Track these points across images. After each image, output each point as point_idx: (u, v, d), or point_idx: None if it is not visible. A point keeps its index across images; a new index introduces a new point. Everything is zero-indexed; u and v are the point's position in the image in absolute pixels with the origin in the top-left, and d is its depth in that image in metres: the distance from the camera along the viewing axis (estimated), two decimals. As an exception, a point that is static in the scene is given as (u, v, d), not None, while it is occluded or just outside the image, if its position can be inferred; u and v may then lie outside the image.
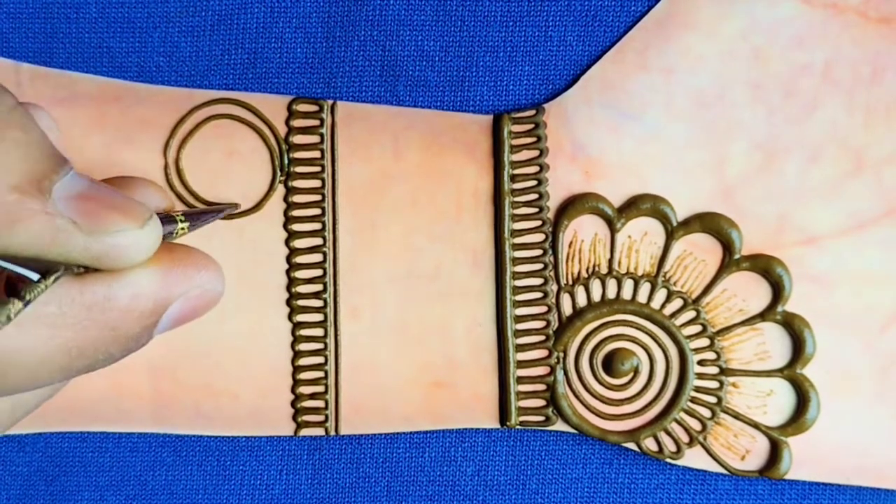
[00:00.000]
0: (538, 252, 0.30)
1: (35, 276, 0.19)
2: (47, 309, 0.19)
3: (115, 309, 0.20)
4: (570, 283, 0.30)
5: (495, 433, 0.31)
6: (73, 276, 0.19)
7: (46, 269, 0.19)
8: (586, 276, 0.30)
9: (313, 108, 0.30)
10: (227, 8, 0.30)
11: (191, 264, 0.21)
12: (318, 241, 0.30)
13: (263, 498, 0.31)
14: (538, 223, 0.30)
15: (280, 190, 0.30)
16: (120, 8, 0.30)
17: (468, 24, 0.30)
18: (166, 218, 0.22)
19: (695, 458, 0.30)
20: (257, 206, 0.30)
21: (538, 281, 0.30)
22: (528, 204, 0.30)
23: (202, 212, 0.24)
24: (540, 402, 0.30)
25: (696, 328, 0.30)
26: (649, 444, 0.30)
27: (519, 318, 0.30)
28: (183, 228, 0.23)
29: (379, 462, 0.31)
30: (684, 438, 0.30)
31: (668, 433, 0.30)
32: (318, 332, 0.30)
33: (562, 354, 0.30)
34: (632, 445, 0.30)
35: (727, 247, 0.30)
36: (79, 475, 0.31)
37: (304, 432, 0.30)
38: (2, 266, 0.18)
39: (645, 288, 0.30)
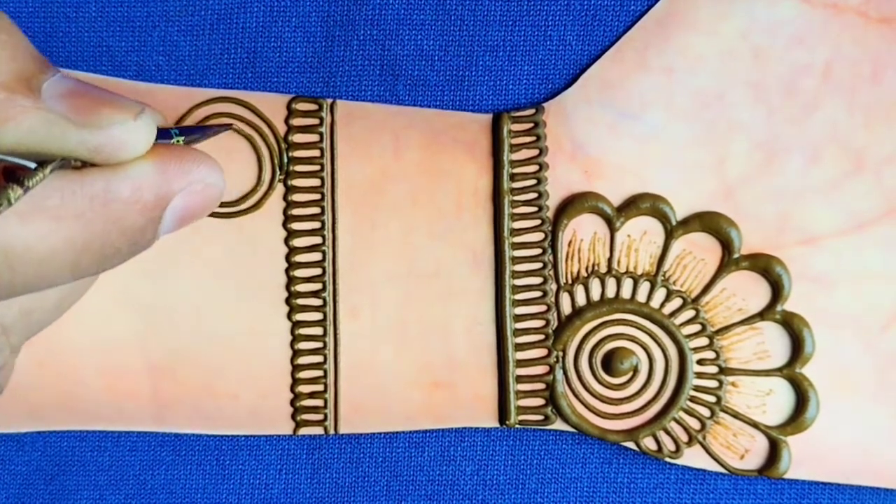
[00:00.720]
0: (538, 251, 0.30)
1: (33, 165, 0.19)
2: (50, 202, 0.19)
3: (117, 200, 0.20)
4: (570, 282, 0.30)
5: (495, 433, 0.31)
6: (73, 169, 0.20)
7: (45, 161, 0.19)
8: (586, 275, 0.30)
9: (313, 106, 0.30)
10: (226, 7, 0.30)
11: (189, 159, 0.21)
12: (317, 239, 0.30)
13: (262, 497, 0.31)
14: (538, 222, 0.30)
15: (279, 189, 0.30)
16: (119, 7, 0.30)
17: (468, 24, 0.30)
18: (161, 131, 0.22)
19: (694, 458, 0.30)
20: (257, 205, 0.30)
21: (537, 280, 0.30)
22: (527, 203, 0.30)
23: (196, 128, 0.25)
24: (539, 402, 0.30)
25: (696, 327, 0.30)
26: (648, 443, 0.30)
27: (518, 318, 0.30)
28: (178, 142, 0.23)
29: (378, 461, 0.31)
30: (683, 438, 0.30)
31: (668, 432, 0.30)
32: (318, 331, 0.30)
33: (561, 353, 0.30)
34: (631, 445, 0.30)
35: (726, 246, 0.30)
36: (78, 474, 0.31)
37: (304, 431, 0.30)
38: (0, 158, 0.19)
39: (644, 287, 0.30)
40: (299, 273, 0.30)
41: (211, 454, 0.31)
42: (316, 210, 0.30)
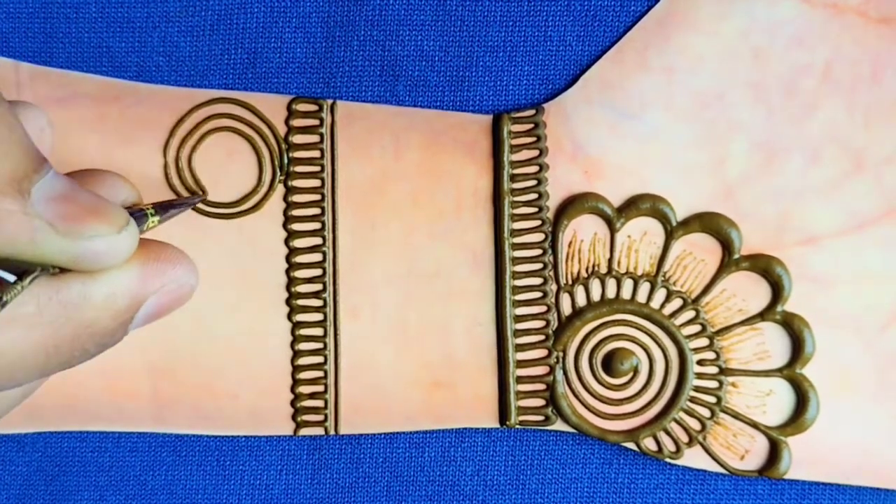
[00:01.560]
0: (538, 252, 0.30)
1: (11, 278, 0.19)
2: (25, 309, 0.19)
3: (92, 307, 0.20)
4: (570, 282, 0.30)
5: (495, 433, 0.31)
6: (49, 275, 0.20)
7: (23, 270, 0.19)
8: (586, 275, 0.30)
9: (313, 107, 0.30)
10: (226, 8, 0.30)
11: (165, 260, 0.21)
12: (317, 240, 0.30)
13: (263, 498, 0.31)
14: (538, 223, 0.30)
15: (280, 189, 0.30)
16: (119, 7, 0.30)
17: (468, 24, 0.30)
18: (137, 213, 0.22)
19: (694, 458, 0.30)
20: (257, 206, 0.30)
21: (538, 281, 0.30)
22: (527, 204, 0.30)
23: (171, 203, 0.25)
24: (539, 402, 0.30)
25: (696, 328, 0.30)
26: (649, 443, 0.30)
27: (518, 318, 0.30)
28: (154, 222, 0.23)
29: (378, 462, 0.31)
30: (684, 438, 0.30)
31: (668, 433, 0.30)
32: (318, 331, 0.30)
33: (561, 354, 0.30)
34: (631, 445, 0.30)
35: (727, 246, 0.30)
36: (78, 475, 0.31)
37: (304, 432, 0.30)
38: None
39: (644, 288, 0.30)
40: (300, 273, 0.30)
41: (211, 455, 0.31)
42: (316, 211, 0.30)
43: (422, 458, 0.31)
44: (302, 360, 0.30)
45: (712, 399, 0.30)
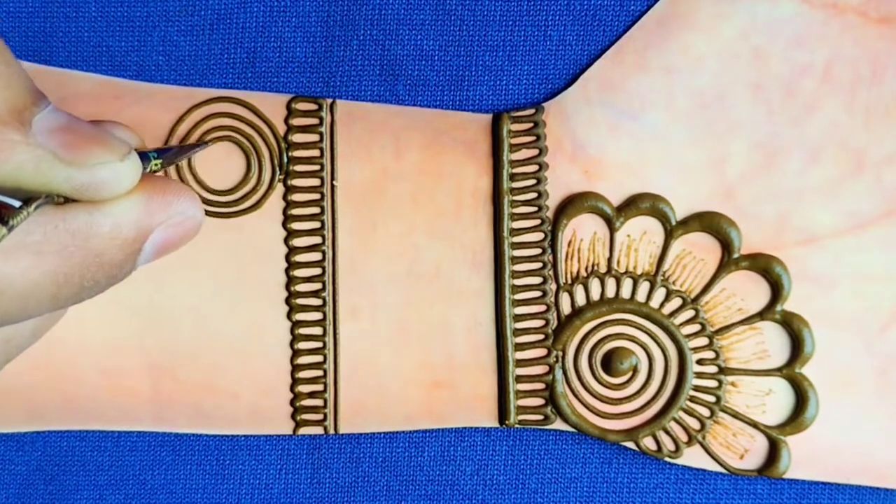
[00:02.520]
0: (537, 251, 0.30)
1: (17, 203, 0.19)
2: (32, 237, 0.19)
3: (98, 236, 0.20)
4: (569, 282, 0.30)
5: (495, 433, 0.31)
6: (55, 205, 0.20)
7: (28, 197, 0.19)
8: (585, 275, 0.30)
9: (313, 106, 0.30)
10: (226, 7, 0.30)
11: (169, 192, 0.22)
12: (317, 239, 0.30)
13: (262, 497, 0.31)
14: (537, 222, 0.30)
15: (279, 188, 0.30)
16: (119, 7, 0.30)
17: (468, 24, 0.30)
18: (140, 155, 0.22)
19: (693, 457, 0.30)
20: (257, 205, 0.30)
21: (537, 280, 0.30)
22: (527, 203, 0.30)
23: (172, 148, 0.25)
24: (539, 401, 0.30)
25: (695, 327, 0.30)
26: (648, 442, 0.30)
27: (518, 318, 0.30)
28: (156, 164, 0.23)
29: (378, 461, 0.31)
30: (683, 437, 0.30)
31: (667, 432, 0.30)
32: (318, 331, 0.30)
33: (561, 353, 0.30)
34: (631, 445, 0.30)
35: (726, 246, 0.30)
36: (78, 474, 0.31)
37: (303, 431, 0.30)
38: None
39: (644, 287, 0.30)
40: (299, 273, 0.30)
41: (211, 454, 0.31)
42: (316, 210, 0.30)
43: (422, 457, 0.31)
44: (301, 360, 0.30)
45: (712, 398, 0.30)
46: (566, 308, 0.30)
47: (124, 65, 0.30)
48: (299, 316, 0.30)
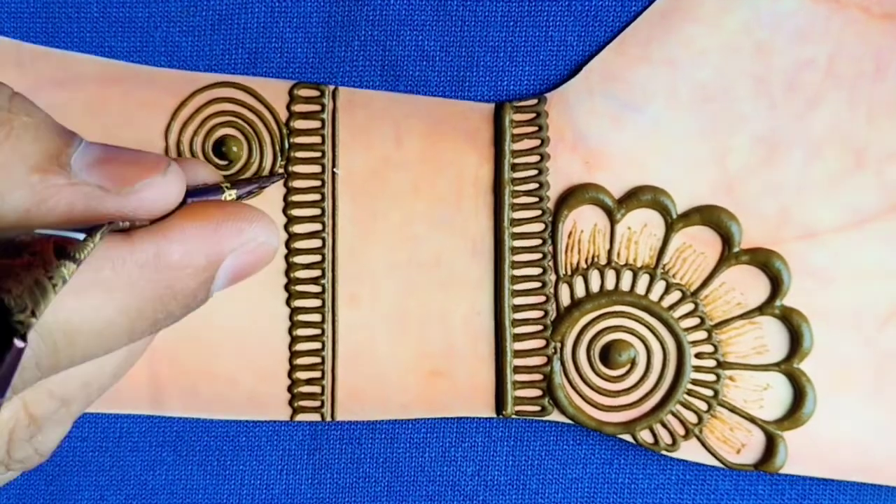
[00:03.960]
0: (537, 242, 0.30)
1: (81, 236, 0.19)
2: (102, 274, 0.19)
3: (168, 266, 0.20)
4: (569, 273, 0.30)
5: (495, 433, 0.31)
6: (121, 233, 0.20)
7: (92, 227, 0.19)
8: (585, 266, 0.30)
9: (315, 93, 0.30)
10: (227, 8, 0.30)
11: (242, 218, 0.21)
12: (317, 226, 0.30)
13: (263, 498, 0.31)
14: (538, 213, 0.30)
15: (280, 174, 0.30)
16: (121, 8, 0.30)
17: (469, 24, 0.30)
18: (212, 187, 0.22)
19: (690, 451, 0.30)
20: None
21: (537, 271, 0.30)
22: (528, 193, 0.30)
23: (248, 181, 0.25)
24: (536, 392, 0.30)
25: (694, 321, 0.30)
26: (645, 435, 0.30)
27: (517, 308, 0.30)
28: (230, 195, 0.23)
29: (379, 462, 0.31)
30: (680, 431, 0.30)
31: (664, 425, 0.30)
32: (316, 317, 0.30)
33: (559, 345, 0.30)
34: (628, 437, 0.30)
35: (726, 240, 0.30)
36: (79, 475, 0.31)
37: (301, 417, 0.30)
38: (48, 234, 0.19)
39: (644, 280, 0.30)
40: (299, 259, 0.30)
41: (212, 455, 0.31)
42: (316, 197, 0.30)
43: (422, 458, 0.31)
44: (300, 346, 0.30)
45: (709, 392, 0.30)
46: (565, 299, 0.30)
47: (126, 64, 0.30)
48: (298, 302, 0.30)
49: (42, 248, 0.18)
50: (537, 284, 0.30)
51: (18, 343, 0.17)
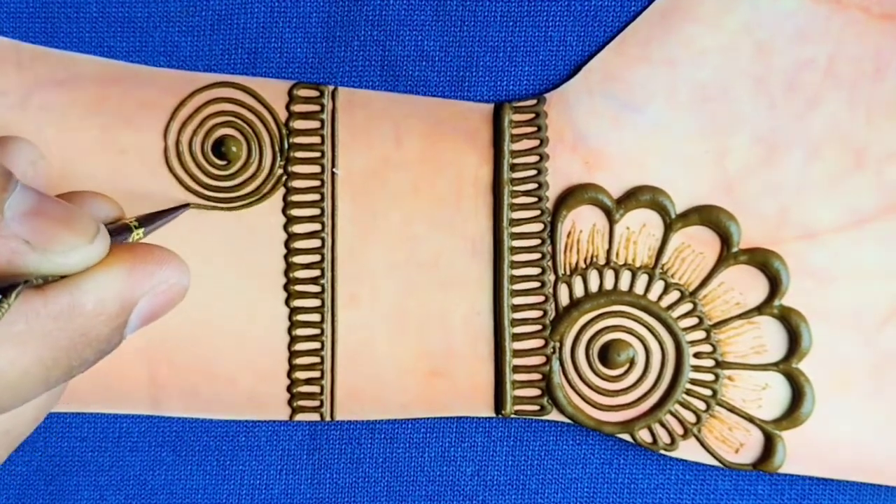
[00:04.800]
0: (536, 242, 0.30)
1: None
2: (15, 328, 0.19)
3: (82, 315, 0.20)
4: (568, 273, 0.30)
5: (495, 433, 0.31)
6: (35, 288, 0.20)
7: (6, 286, 0.19)
8: (584, 266, 0.30)
9: (314, 93, 0.30)
10: (227, 8, 0.30)
11: (152, 261, 0.22)
12: (316, 226, 0.30)
13: (263, 498, 0.31)
14: (537, 213, 0.30)
15: (279, 174, 0.30)
16: (120, 8, 0.30)
17: (468, 25, 0.30)
18: (121, 227, 0.22)
19: (689, 451, 0.30)
20: (257, 191, 0.30)
21: (536, 271, 0.30)
22: (527, 193, 0.30)
23: (156, 215, 0.25)
24: (535, 392, 0.30)
25: (693, 320, 0.30)
26: (644, 435, 0.30)
27: (516, 308, 0.30)
28: (138, 234, 0.23)
29: (379, 462, 0.31)
30: (679, 430, 0.30)
31: (663, 425, 0.30)
32: (316, 317, 0.30)
33: (558, 344, 0.30)
34: (626, 437, 0.30)
35: (725, 240, 0.30)
36: (78, 475, 0.31)
37: (300, 417, 0.30)
38: None
39: (642, 279, 0.30)
40: (298, 259, 0.30)
41: (211, 455, 0.31)
42: (316, 197, 0.30)
43: (422, 458, 0.31)
44: (299, 346, 0.30)
45: (708, 392, 0.30)
46: (564, 299, 0.30)
47: (126, 62, 0.30)
48: (298, 302, 0.30)
49: None
50: (536, 284, 0.30)
51: None
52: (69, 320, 0.20)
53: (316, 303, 0.30)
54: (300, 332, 0.30)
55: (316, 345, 0.30)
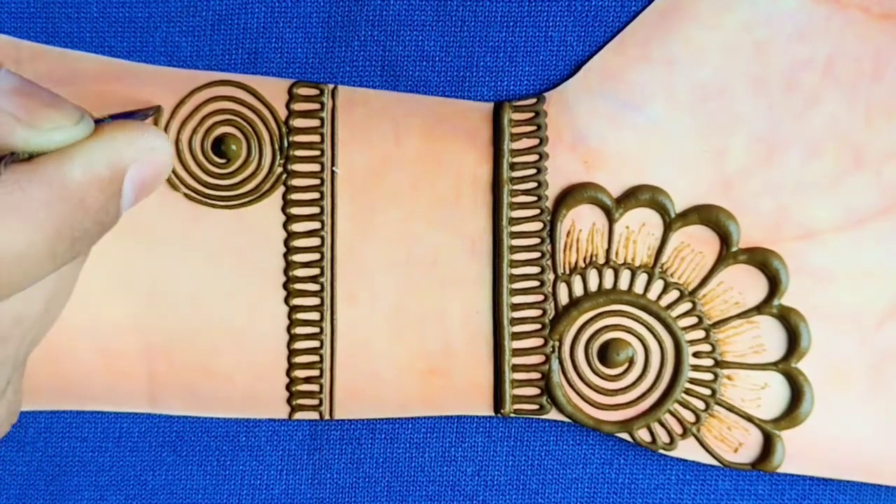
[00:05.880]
0: (536, 241, 0.30)
1: None
2: (12, 197, 0.20)
3: (74, 182, 0.21)
4: (567, 272, 0.30)
5: (496, 433, 0.31)
6: (23, 161, 0.21)
7: None
8: (583, 265, 0.30)
9: (314, 91, 0.30)
10: (227, 8, 0.30)
11: (132, 129, 0.22)
12: (316, 225, 0.30)
13: (263, 498, 0.31)
14: (536, 212, 0.30)
15: (279, 173, 0.30)
16: (120, 8, 0.30)
17: (469, 25, 0.30)
18: (96, 121, 0.23)
19: (688, 450, 0.30)
20: (257, 190, 0.30)
21: (535, 269, 0.30)
22: (526, 192, 0.30)
23: (127, 114, 0.26)
24: (534, 391, 0.30)
25: (692, 320, 0.30)
26: (643, 434, 0.30)
27: (515, 307, 0.30)
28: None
29: (379, 462, 0.31)
30: (678, 430, 0.30)
31: (662, 424, 0.30)
32: (315, 316, 0.30)
33: (557, 343, 0.30)
34: (625, 436, 0.30)
35: (725, 239, 0.30)
36: (79, 475, 0.31)
37: (299, 416, 0.30)
38: None
39: (642, 279, 0.30)
40: (297, 258, 0.30)
41: (212, 455, 0.31)
42: (315, 195, 0.30)
43: (422, 458, 0.31)
44: (298, 345, 0.30)
45: (707, 391, 0.30)
46: (564, 298, 0.30)
47: (126, 64, 0.30)
48: (297, 301, 0.30)
49: None
50: (536, 283, 0.30)
51: None
52: (63, 188, 0.21)
53: (315, 301, 0.30)
54: (299, 330, 0.30)
55: (315, 343, 0.30)
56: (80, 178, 0.21)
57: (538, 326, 0.30)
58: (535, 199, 0.30)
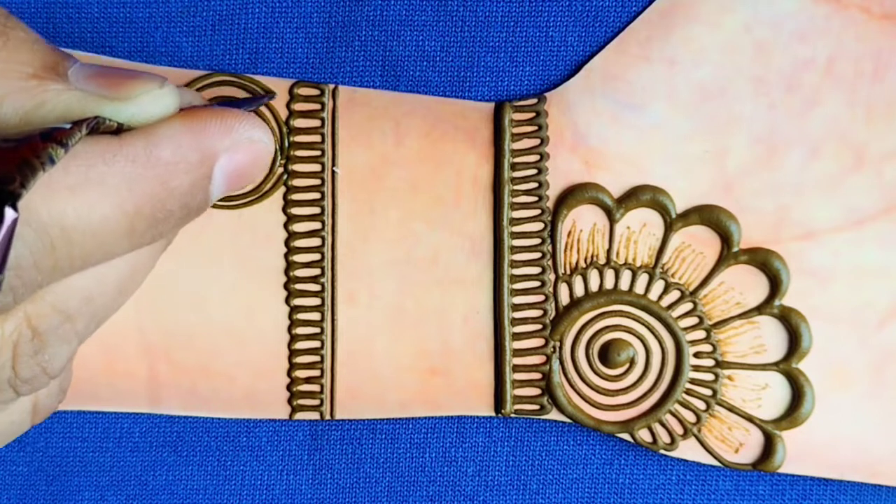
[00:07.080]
0: (536, 241, 0.30)
1: (69, 126, 0.19)
2: (94, 169, 0.20)
3: (160, 161, 0.20)
4: (568, 272, 0.30)
5: (496, 433, 0.31)
6: (110, 134, 0.20)
7: (79, 121, 0.20)
8: (584, 266, 0.30)
9: (315, 91, 0.30)
10: (228, 8, 0.30)
11: (230, 117, 0.22)
12: (316, 225, 0.30)
13: (263, 498, 0.31)
14: (537, 212, 0.30)
15: (279, 173, 0.30)
16: (121, 8, 0.30)
17: (469, 25, 0.30)
18: (200, 108, 0.22)
19: (689, 451, 0.30)
20: (257, 190, 0.30)
21: (536, 270, 0.30)
22: (527, 192, 0.30)
23: (239, 102, 0.25)
24: (535, 391, 0.30)
25: (693, 320, 0.30)
26: (643, 434, 0.30)
27: (516, 307, 0.30)
28: None
29: (379, 462, 0.31)
30: (678, 430, 0.30)
31: (663, 424, 0.30)
32: (315, 316, 0.30)
33: (558, 344, 0.30)
34: (626, 436, 0.30)
35: (725, 239, 0.30)
36: (79, 475, 0.31)
37: (300, 416, 0.30)
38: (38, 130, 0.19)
39: (643, 279, 0.30)
40: (298, 258, 0.30)
41: (212, 455, 0.31)
42: (316, 195, 0.30)
43: (422, 458, 0.31)
44: (299, 345, 0.30)
45: (708, 392, 0.30)
46: (564, 298, 0.30)
47: (127, 63, 0.30)
48: (297, 301, 0.30)
49: (29, 136, 0.19)
50: (536, 283, 0.30)
51: (10, 213, 0.17)
52: (148, 166, 0.20)
53: (316, 301, 0.30)
54: (300, 330, 0.30)
55: (316, 343, 0.30)
56: (166, 158, 0.20)
57: (539, 327, 0.30)
58: (535, 199, 0.30)
